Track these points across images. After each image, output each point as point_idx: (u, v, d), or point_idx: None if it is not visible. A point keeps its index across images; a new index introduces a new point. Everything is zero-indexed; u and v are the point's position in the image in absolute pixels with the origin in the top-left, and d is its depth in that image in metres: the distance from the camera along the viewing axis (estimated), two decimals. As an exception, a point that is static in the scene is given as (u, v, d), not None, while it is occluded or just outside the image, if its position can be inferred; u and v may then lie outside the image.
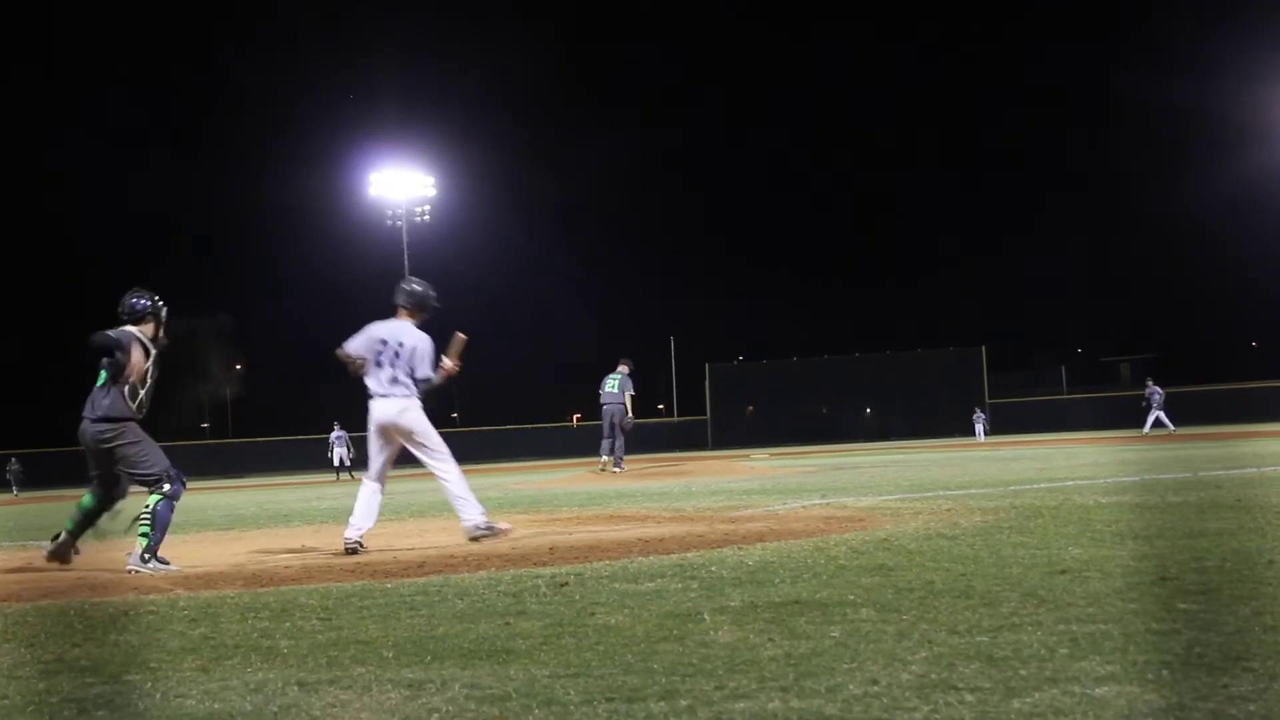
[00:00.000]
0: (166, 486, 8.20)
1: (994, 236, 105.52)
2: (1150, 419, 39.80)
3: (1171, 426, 39.02)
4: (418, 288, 9.48)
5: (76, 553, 8.64)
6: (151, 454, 8.30)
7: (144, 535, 8.07)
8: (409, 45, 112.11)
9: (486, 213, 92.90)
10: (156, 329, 8.43)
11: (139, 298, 8.40)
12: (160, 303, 8.47)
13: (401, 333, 9.18)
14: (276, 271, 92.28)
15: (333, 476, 39.20)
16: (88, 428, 8.27)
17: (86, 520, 8.62)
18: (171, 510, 8.23)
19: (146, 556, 8.02)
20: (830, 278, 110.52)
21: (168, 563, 8.10)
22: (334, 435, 41.86)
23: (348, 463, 40.79)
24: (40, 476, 44.19)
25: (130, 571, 7.90)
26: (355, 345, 9.14)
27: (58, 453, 49.96)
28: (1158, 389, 40.78)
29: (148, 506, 8.15)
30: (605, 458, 23.27)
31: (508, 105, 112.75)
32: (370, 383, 9.14)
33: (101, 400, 8.23)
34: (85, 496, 8.62)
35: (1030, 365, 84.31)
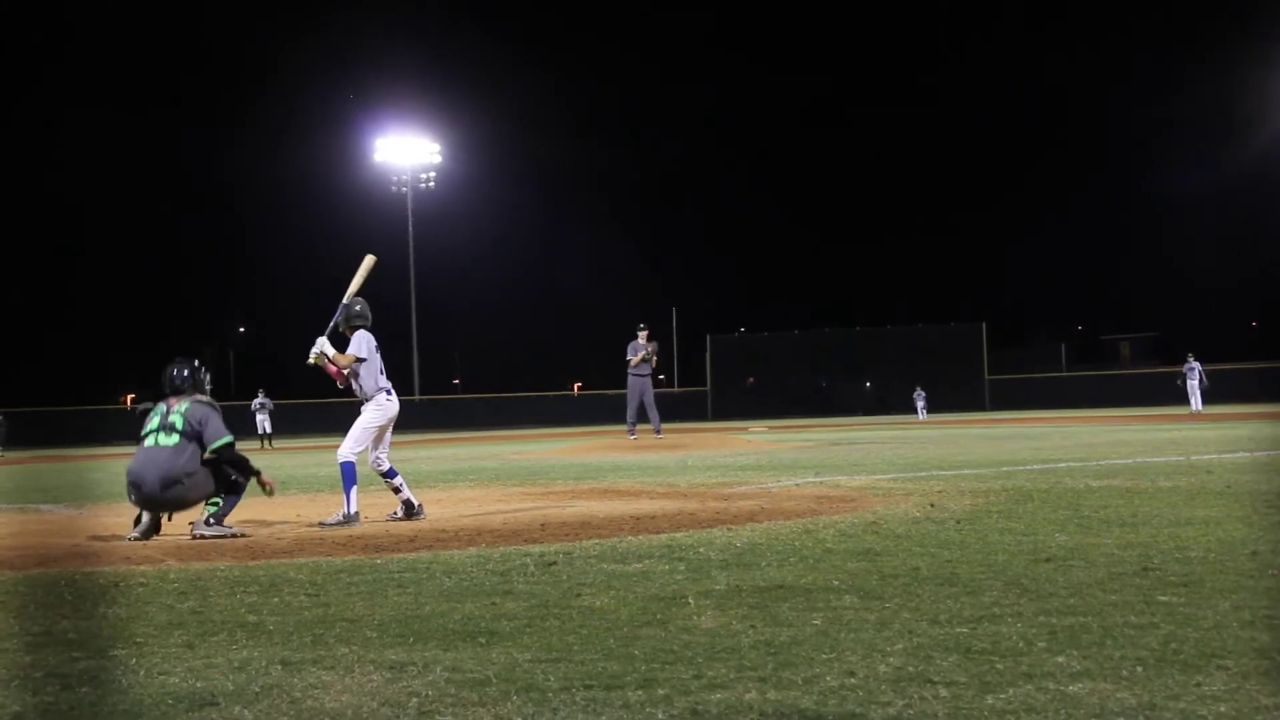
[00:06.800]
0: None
1: (996, 213, 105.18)
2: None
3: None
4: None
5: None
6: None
7: (213, 505, 8.56)
8: (417, 10, 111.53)
9: (492, 181, 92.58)
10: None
11: (180, 369, 8.92)
12: (204, 373, 9.05)
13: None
14: (279, 235, 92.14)
15: (258, 445, 36.56)
16: (157, 492, 8.43)
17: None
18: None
19: (211, 520, 8.43)
20: (832, 252, 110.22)
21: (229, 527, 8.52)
22: (257, 402, 39.71)
23: (269, 430, 39.05)
24: (23, 436, 42.88)
25: (195, 536, 8.30)
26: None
27: (40, 412, 49.88)
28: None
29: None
30: (637, 427, 22.95)
31: (514, 73, 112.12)
32: (386, 381, 9.42)
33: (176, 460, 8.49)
34: None
35: (1030, 342, 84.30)
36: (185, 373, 8.94)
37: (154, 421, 8.67)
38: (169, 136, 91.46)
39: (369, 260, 9.77)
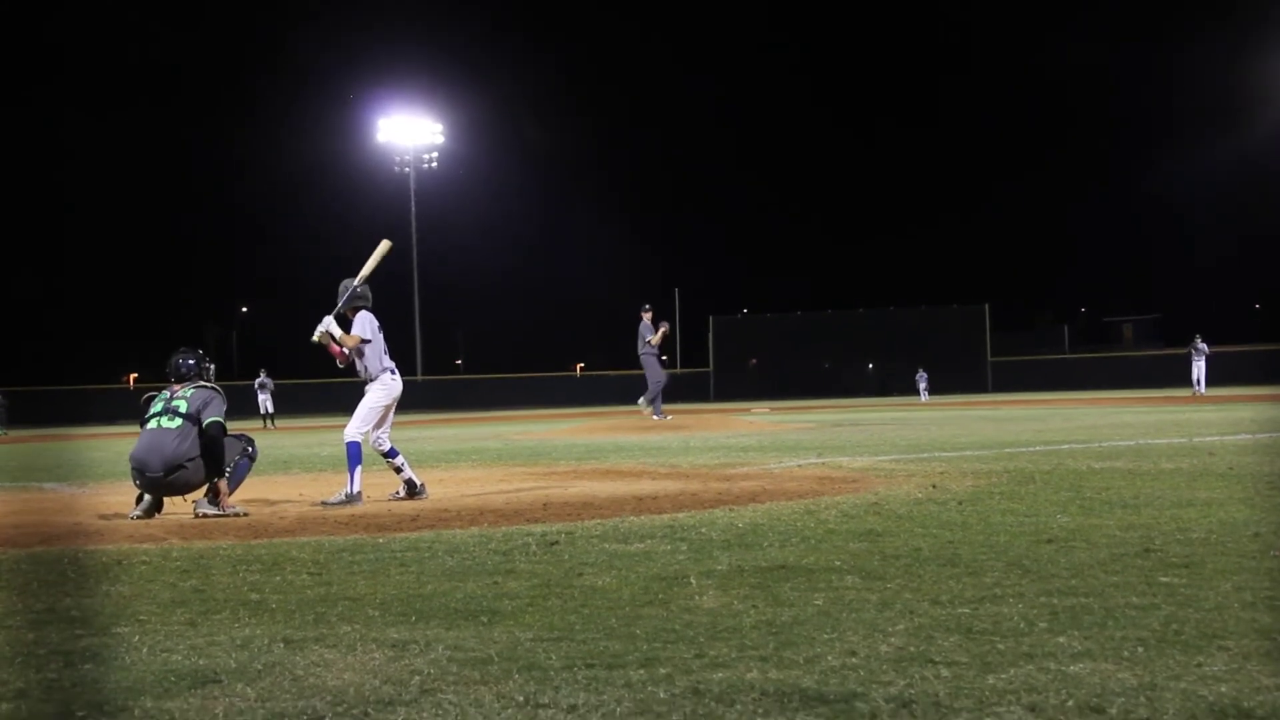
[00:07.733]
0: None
1: (999, 195, 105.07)
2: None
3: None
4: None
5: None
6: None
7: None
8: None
9: (494, 162, 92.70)
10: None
11: (185, 358, 9.01)
12: (208, 362, 9.14)
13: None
14: (283, 216, 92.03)
15: (260, 424, 35.82)
16: (161, 476, 8.44)
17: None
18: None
19: (214, 498, 8.47)
20: (836, 234, 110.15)
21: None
22: (259, 381, 39.38)
23: (271, 409, 38.87)
24: (25, 416, 42.34)
25: (198, 515, 8.31)
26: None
27: (43, 391, 49.79)
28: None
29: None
30: (651, 407, 22.79)
31: (516, 54, 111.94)
32: (390, 360, 9.48)
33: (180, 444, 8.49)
34: None
35: (1033, 324, 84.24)
36: (190, 361, 9.03)
37: (157, 406, 8.74)
38: (172, 116, 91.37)
39: (384, 245, 9.70)
